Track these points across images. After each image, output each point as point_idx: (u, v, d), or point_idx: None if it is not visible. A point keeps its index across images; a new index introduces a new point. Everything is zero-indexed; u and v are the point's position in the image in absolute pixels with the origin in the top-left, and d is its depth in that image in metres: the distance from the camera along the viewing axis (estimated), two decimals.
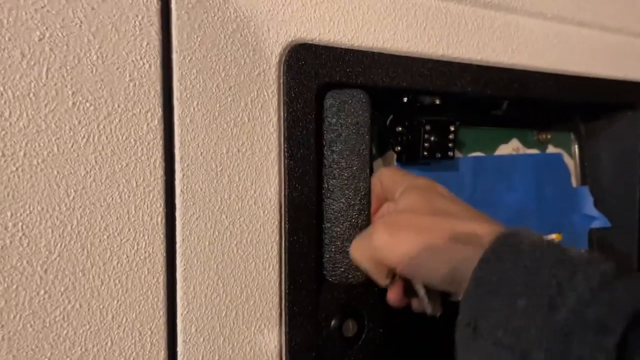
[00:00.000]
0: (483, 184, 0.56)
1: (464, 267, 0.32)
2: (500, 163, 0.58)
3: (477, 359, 0.30)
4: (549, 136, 0.63)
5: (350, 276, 0.42)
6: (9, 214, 0.30)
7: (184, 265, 0.35)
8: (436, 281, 0.34)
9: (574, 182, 0.66)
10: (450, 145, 0.48)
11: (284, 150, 0.39)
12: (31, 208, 0.30)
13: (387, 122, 0.49)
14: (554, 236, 0.63)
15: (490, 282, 0.30)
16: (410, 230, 0.35)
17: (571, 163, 0.66)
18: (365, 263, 0.38)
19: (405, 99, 0.47)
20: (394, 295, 0.40)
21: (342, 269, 0.41)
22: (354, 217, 0.41)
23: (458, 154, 0.55)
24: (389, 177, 0.41)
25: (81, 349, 0.32)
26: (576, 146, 0.66)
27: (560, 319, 0.27)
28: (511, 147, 0.61)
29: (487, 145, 0.59)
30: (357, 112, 0.40)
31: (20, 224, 0.30)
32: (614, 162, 0.65)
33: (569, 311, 0.26)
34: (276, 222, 0.39)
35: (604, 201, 0.65)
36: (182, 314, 0.35)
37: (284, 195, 0.39)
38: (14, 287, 0.30)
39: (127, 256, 0.33)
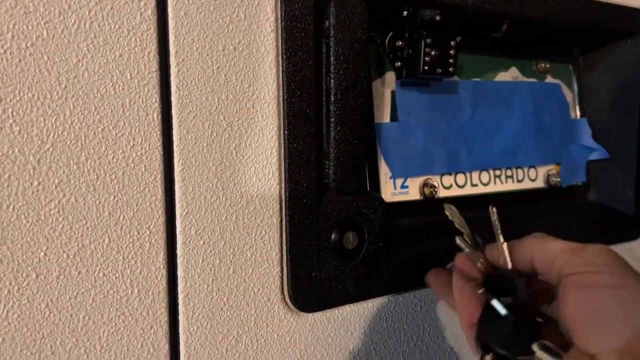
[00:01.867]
0: (482, 108, 0.55)
1: None
2: (500, 89, 0.57)
3: None
4: (547, 65, 0.62)
5: (351, 185, 0.41)
6: None
7: (182, 164, 0.34)
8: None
9: (572, 114, 0.65)
10: (451, 61, 0.47)
11: (282, 53, 0.37)
12: (21, 94, 0.29)
13: (387, 40, 0.48)
14: (552, 167, 0.62)
15: None
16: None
17: (569, 95, 0.65)
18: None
19: (405, 12, 0.45)
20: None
21: (344, 175, 0.40)
22: (356, 121, 0.40)
23: (457, 79, 0.54)
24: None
25: (78, 245, 0.31)
26: (574, 78, 0.66)
27: None
28: (510, 76, 0.60)
29: (487, 72, 0.58)
30: (355, 19, 0.39)
31: (10, 110, 0.29)
32: (612, 94, 0.64)
33: None
34: (275, 127, 0.38)
35: (602, 133, 0.65)
36: (181, 215, 0.34)
37: (283, 100, 0.38)
38: (6, 176, 0.29)
39: (123, 151, 0.32)
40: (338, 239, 0.41)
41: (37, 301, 0.30)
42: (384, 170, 0.49)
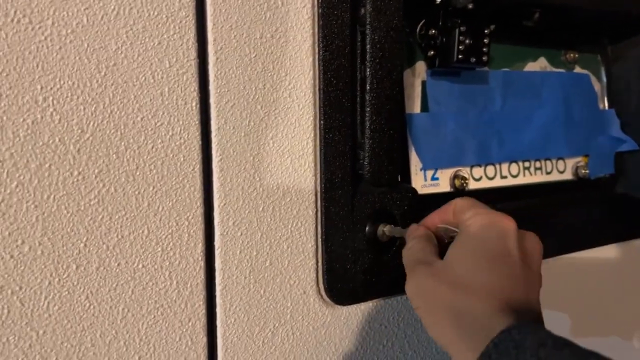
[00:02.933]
0: (512, 98, 0.54)
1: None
2: (530, 79, 0.56)
3: None
4: (576, 56, 0.61)
5: (386, 176, 0.40)
6: (38, 87, 0.28)
7: (220, 154, 0.33)
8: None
9: (600, 105, 0.64)
10: (484, 49, 0.46)
11: (319, 41, 0.36)
12: (61, 82, 0.29)
13: (418, 29, 0.47)
14: (580, 159, 0.61)
15: None
16: (428, 302, 0.32)
17: (598, 85, 0.64)
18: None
19: (438, 0, 0.44)
20: None
21: (379, 165, 0.40)
22: (390, 110, 0.39)
23: (487, 69, 0.53)
24: (461, 205, 0.36)
25: (117, 236, 0.31)
26: (603, 68, 0.64)
27: None
28: (539, 66, 0.59)
29: (516, 62, 0.57)
30: (391, 6, 0.38)
31: (50, 98, 0.28)
32: None
33: None
34: (311, 117, 0.37)
35: (631, 124, 0.64)
36: (219, 206, 0.34)
37: (319, 89, 0.37)
38: (47, 165, 0.29)
39: (162, 141, 0.32)
40: (372, 232, 0.41)
41: (78, 293, 0.30)
42: (415, 162, 0.48)
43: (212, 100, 0.33)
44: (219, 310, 0.34)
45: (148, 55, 0.31)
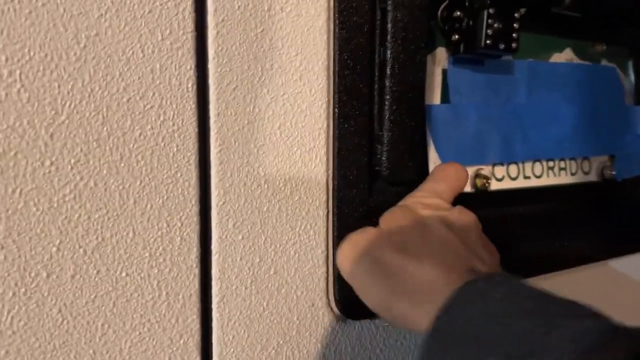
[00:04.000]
0: (538, 91, 0.50)
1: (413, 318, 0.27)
2: (557, 71, 0.52)
3: None
4: (604, 47, 0.56)
5: (407, 173, 0.36)
6: (3, 57, 0.23)
7: (219, 145, 0.29)
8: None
9: (627, 100, 0.60)
10: (514, 35, 0.41)
11: (335, 17, 0.32)
12: (31, 53, 0.24)
13: (440, 11, 0.42)
14: (606, 159, 0.57)
15: (451, 334, 0.24)
16: (367, 270, 0.30)
17: (625, 80, 0.59)
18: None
19: None
20: None
21: (399, 161, 0.35)
22: (412, 99, 0.35)
23: (511, 58, 0.49)
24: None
25: (97, 239, 0.26)
26: (631, 62, 0.60)
27: None
28: (564, 57, 0.54)
29: (541, 52, 0.52)
30: None
31: (18, 71, 0.24)
32: None
33: None
34: (324, 104, 0.32)
35: None
36: (217, 205, 0.29)
37: (334, 72, 0.32)
38: (12, 153, 0.24)
39: (152, 127, 0.27)
40: None
41: (48, 305, 0.25)
42: (433, 158, 0.44)
43: (211, 81, 0.28)
44: (215, 326, 0.30)
45: (137, 24, 0.26)
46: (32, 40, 0.24)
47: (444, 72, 0.44)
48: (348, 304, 0.34)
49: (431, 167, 0.44)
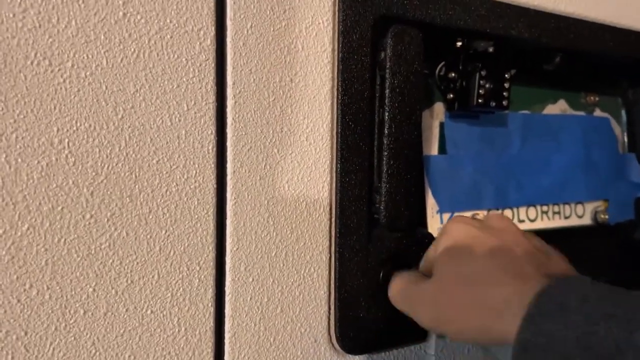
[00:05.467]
0: (531, 142, 0.53)
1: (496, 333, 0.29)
2: (549, 122, 0.55)
3: None
4: (597, 99, 0.60)
5: (402, 221, 0.39)
6: (55, 129, 0.28)
7: (234, 198, 0.33)
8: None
9: (620, 149, 0.63)
10: (505, 94, 0.45)
11: (338, 85, 0.36)
12: (78, 124, 0.28)
13: (437, 70, 0.47)
14: (600, 203, 0.60)
15: (537, 345, 0.26)
16: (435, 307, 0.33)
17: (618, 129, 0.63)
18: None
19: (459, 44, 0.44)
20: None
21: (396, 210, 0.39)
22: (408, 155, 0.39)
23: (506, 111, 0.52)
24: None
25: (127, 281, 0.30)
26: (624, 112, 0.63)
27: None
28: (559, 108, 0.58)
29: (535, 104, 0.56)
30: (412, 51, 0.38)
31: (66, 140, 0.28)
32: None
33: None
34: (327, 161, 0.36)
35: None
36: (231, 251, 0.33)
37: (337, 133, 0.36)
38: (59, 208, 0.28)
39: (177, 184, 0.31)
40: (386, 278, 0.39)
41: (84, 339, 0.29)
42: (431, 204, 0.47)
43: (229, 143, 0.33)
44: (227, 358, 0.33)
45: (166, 97, 0.30)
46: (79, 114, 0.28)
47: (442, 125, 0.48)
48: (348, 340, 0.37)
49: (429, 213, 0.47)
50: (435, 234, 0.46)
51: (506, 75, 0.46)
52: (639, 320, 0.24)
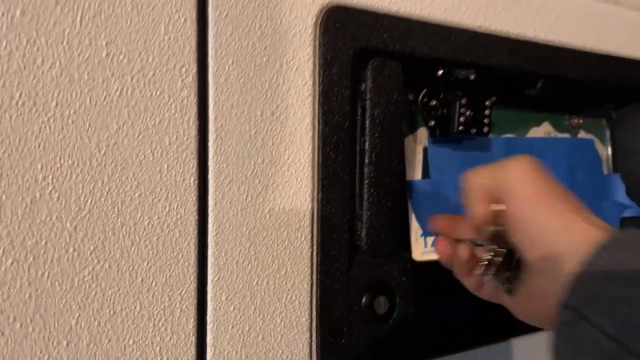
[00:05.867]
0: None
1: (579, 240, 0.30)
2: (533, 146, 0.56)
3: (573, 346, 0.27)
4: (580, 121, 0.61)
5: (383, 248, 0.40)
6: (39, 165, 0.29)
7: (216, 229, 0.34)
8: (537, 233, 0.31)
9: (605, 169, 0.64)
10: (485, 121, 0.46)
11: (319, 117, 0.37)
12: (62, 161, 0.29)
13: (420, 97, 0.48)
14: None
15: (604, 268, 0.27)
16: (550, 182, 0.33)
17: (603, 150, 0.64)
18: (478, 183, 0.36)
19: (440, 72, 0.45)
20: (441, 244, 0.38)
21: (377, 237, 0.40)
22: (389, 183, 0.39)
23: (490, 135, 0.53)
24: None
25: (109, 312, 0.31)
26: (607, 133, 0.65)
27: None
28: (543, 131, 0.59)
29: (519, 127, 0.57)
30: (391, 82, 0.39)
31: (50, 177, 0.29)
32: None
33: None
34: (309, 190, 0.37)
35: (636, 189, 0.63)
36: (212, 281, 0.34)
37: (318, 163, 0.37)
38: (43, 242, 0.29)
39: (159, 217, 0.32)
40: (369, 304, 0.40)
41: None
42: (415, 228, 0.48)
43: (211, 176, 0.34)
44: None
45: (148, 133, 0.31)
46: (62, 151, 0.29)
47: (425, 150, 0.49)
48: None
49: (413, 236, 0.48)
50: (419, 258, 0.47)
51: (487, 103, 0.47)
52: None
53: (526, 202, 0.32)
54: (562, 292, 0.28)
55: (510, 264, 0.34)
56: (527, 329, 0.36)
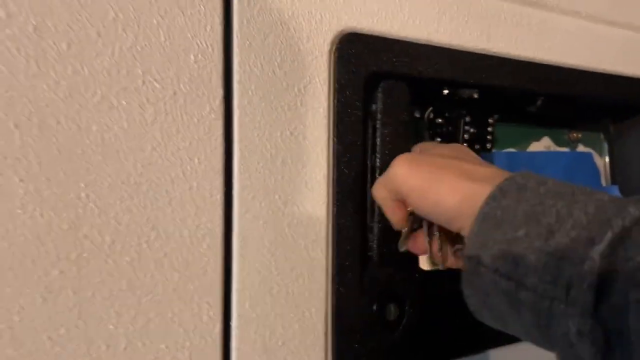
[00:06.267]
0: None
1: (472, 202, 0.33)
2: (534, 160, 0.59)
3: (479, 290, 0.31)
4: (579, 135, 0.64)
5: (395, 257, 0.43)
6: (82, 184, 0.31)
7: (240, 242, 0.36)
8: (442, 214, 0.35)
9: (603, 181, 0.67)
10: (488, 137, 0.49)
11: (334, 136, 0.40)
12: (102, 180, 0.32)
13: (426, 115, 0.51)
14: None
15: (494, 216, 0.31)
16: (429, 165, 0.36)
17: (601, 163, 0.67)
18: (381, 197, 0.39)
19: (445, 92, 0.48)
20: (412, 242, 0.41)
21: (387, 248, 0.42)
22: None
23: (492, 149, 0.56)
24: (428, 143, 0.43)
25: (144, 319, 0.33)
26: (605, 146, 0.67)
27: (554, 243, 0.28)
28: (543, 145, 0.62)
29: (520, 142, 0.60)
30: (400, 101, 0.42)
31: (92, 194, 0.32)
32: None
33: (563, 235, 0.27)
34: (324, 205, 0.40)
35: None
36: (237, 290, 0.36)
37: (333, 179, 0.40)
38: (85, 255, 0.32)
39: (189, 230, 0.35)
40: (380, 311, 0.43)
41: None
42: None
43: (235, 192, 0.36)
44: None
45: (180, 154, 0.34)
46: (103, 170, 0.32)
47: None
48: None
49: None
50: (427, 267, 0.49)
51: (490, 120, 0.49)
52: (581, 199, 0.28)
53: (420, 194, 0.36)
54: (466, 244, 0.32)
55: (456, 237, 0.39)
56: None
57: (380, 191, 0.39)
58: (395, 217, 0.39)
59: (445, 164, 0.36)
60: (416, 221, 0.40)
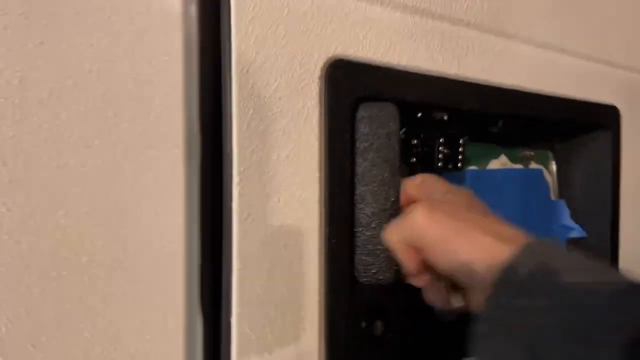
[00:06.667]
0: (479, 195, 0.60)
1: (488, 262, 0.34)
2: (494, 177, 0.63)
3: (491, 354, 0.32)
4: (532, 153, 0.68)
5: (380, 277, 0.44)
6: (62, 212, 0.31)
7: (240, 263, 0.37)
8: (455, 266, 0.36)
9: (552, 196, 0.72)
10: (459, 157, 0.52)
11: (325, 159, 0.41)
12: (78, 208, 0.32)
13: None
14: None
15: (515, 283, 0.32)
16: (449, 216, 0.37)
17: (550, 178, 0.72)
18: (397, 245, 0.40)
19: (419, 114, 0.50)
20: (427, 286, 0.42)
21: (374, 271, 0.44)
22: (384, 221, 0.44)
23: None
24: (431, 179, 0.44)
25: (116, 327, 0.33)
26: (554, 163, 0.72)
27: (572, 320, 0.29)
28: (500, 163, 0.66)
29: (480, 160, 0.63)
30: (388, 123, 0.44)
31: (70, 221, 0.31)
32: (586, 178, 0.72)
33: (581, 312, 0.29)
34: (317, 226, 0.41)
35: (579, 213, 0.71)
36: (237, 313, 0.37)
37: (325, 201, 0.41)
38: (64, 273, 0.31)
39: (156, 250, 0.35)
40: (367, 327, 0.44)
41: None
42: None
43: (234, 215, 0.37)
44: None
45: (146, 183, 0.34)
46: (79, 199, 0.32)
47: None
48: None
49: None
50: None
51: (460, 141, 0.52)
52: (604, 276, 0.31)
53: (440, 243, 0.37)
54: (484, 305, 0.33)
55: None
56: None
57: (394, 235, 0.40)
58: (410, 264, 0.40)
59: (466, 217, 0.37)
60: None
